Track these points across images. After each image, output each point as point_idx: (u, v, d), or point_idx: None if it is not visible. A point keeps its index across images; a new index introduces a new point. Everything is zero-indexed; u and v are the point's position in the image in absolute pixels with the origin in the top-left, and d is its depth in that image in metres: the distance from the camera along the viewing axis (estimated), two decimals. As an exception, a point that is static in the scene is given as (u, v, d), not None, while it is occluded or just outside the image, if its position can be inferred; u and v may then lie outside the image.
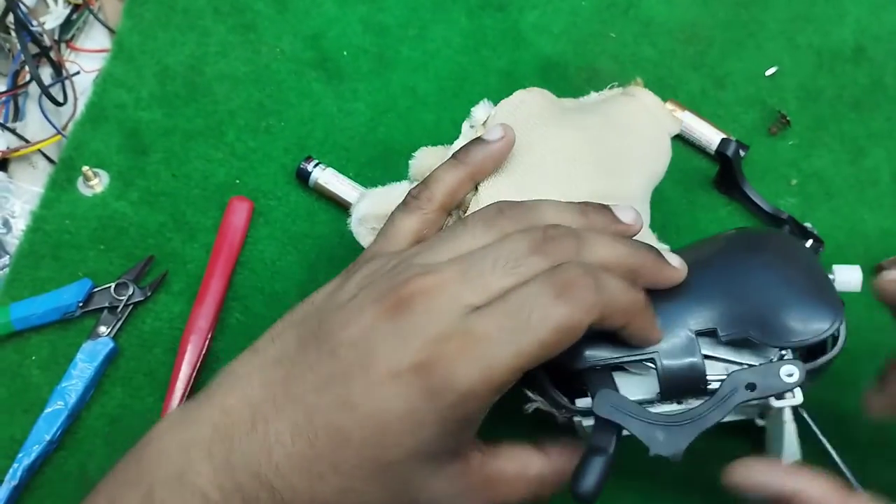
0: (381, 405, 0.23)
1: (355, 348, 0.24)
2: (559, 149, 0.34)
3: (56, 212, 0.40)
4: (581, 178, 0.33)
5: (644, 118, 0.37)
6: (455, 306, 0.23)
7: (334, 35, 0.46)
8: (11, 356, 0.37)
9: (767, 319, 0.28)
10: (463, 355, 0.23)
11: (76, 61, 0.45)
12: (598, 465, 0.26)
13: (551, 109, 0.35)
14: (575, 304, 0.23)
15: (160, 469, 0.24)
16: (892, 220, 0.43)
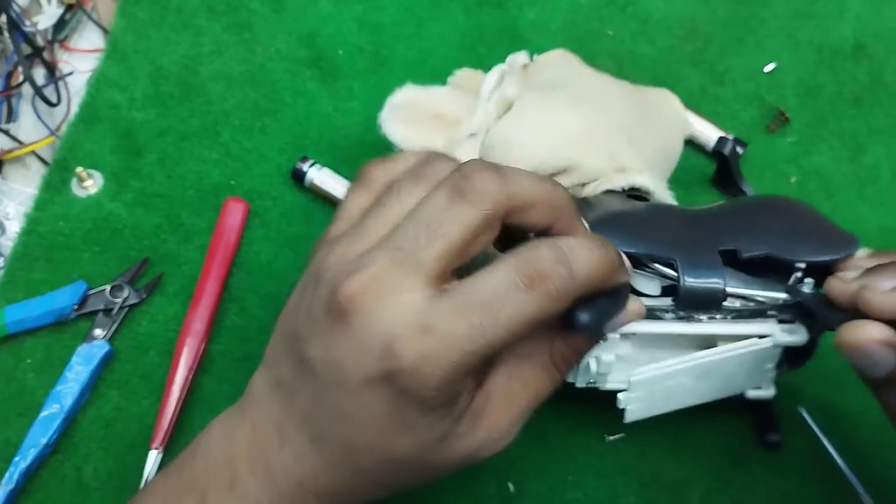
0: (368, 411, 0.23)
1: (326, 365, 0.24)
2: (596, 84, 0.37)
3: (50, 213, 0.40)
4: (605, 111, 0.35)
5: (668, 110, 0.39)
6: (400, 298, 0.22)
7: (329, 33, 0.45)
8: (6, 359, 0.37)
9: (788, 240, 0.30)
10: (427, 355, 0.22)
11: (70, 61, 0.45)
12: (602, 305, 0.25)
13: (583, 64, 0.39)
14: (546, 296, 0.22)
15: (211, 477, 0.26)
16: (892, 218, 0.43)
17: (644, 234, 0.30)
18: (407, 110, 0.36)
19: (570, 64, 0.38)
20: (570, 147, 0.34)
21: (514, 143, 0.34)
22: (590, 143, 0.34)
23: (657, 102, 0.39)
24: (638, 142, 0.36)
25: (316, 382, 0.24)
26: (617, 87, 0.38)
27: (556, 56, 0.39)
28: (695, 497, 0.36)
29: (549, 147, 0.34)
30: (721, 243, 0.30)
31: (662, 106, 0.39)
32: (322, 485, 0.25)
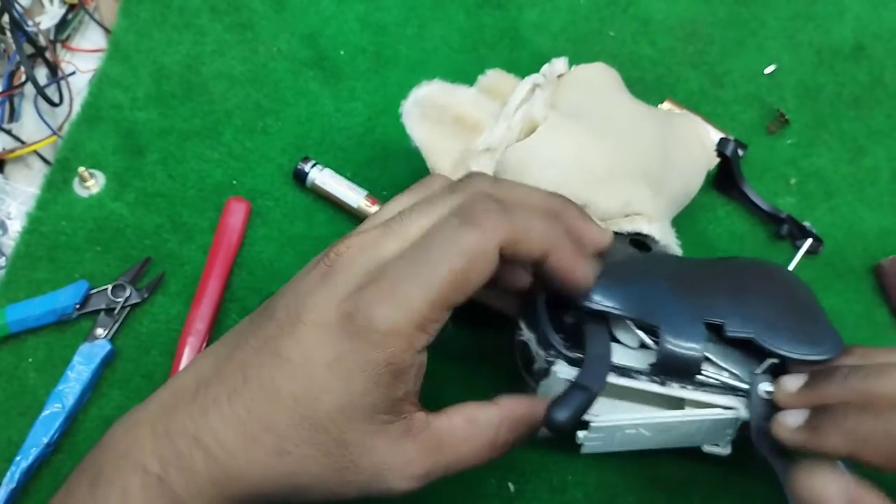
0: (309, 355, 0.24)
1: (287, 308, 0.25)
2: (626, 116, 0.35)
3: (52, 213, 0.40)
4: (626, 144, 0.34)
5: (695, 143, 0.38)
6: (375, 258, 0.24)
7: (331, 34, 0.45)
8: (8, 359, 0.37)
9: (773, 324, 0.29)
10: (380, 297, 0.23)
11: (72, 61, 0.45)
12: (578, 399, 0.27)
13: (617, 84, 0.37)
14: (479, 229, 0.24)
15: (108, 453, 0.25)
16: (891, 220, 0.43)
17: (634, 294, 0.29)
18: (428, 108, 0.35)
19: (606, 86, 0.37)
20: (585, 185, 0.33)
21: (530, 170, 0.33)
22: (607, 184, 0.33)
23: (686, 135, 0.38)
24: (658, 184, 0.35)
25: (268, 326, 0.25)
26: (648, 118, 0.36)
27: (595, 72, 0.37)
28: (695, 498, 0.36)
29: (564, 181, 0.33)
30: (709, 314, 0.29)
31: (691, 140, 0.38)
32: (216, 444, 0.24)
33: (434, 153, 0.35)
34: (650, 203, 0.34)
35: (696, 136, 0.38)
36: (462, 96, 0.35)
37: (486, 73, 0.38)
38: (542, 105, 0.34)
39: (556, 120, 0.34)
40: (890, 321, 0.40)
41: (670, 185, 0.36)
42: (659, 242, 0.33)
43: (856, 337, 0.39)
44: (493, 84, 0.37)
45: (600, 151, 0.33)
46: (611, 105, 0.36)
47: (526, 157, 0.33)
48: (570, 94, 0.36)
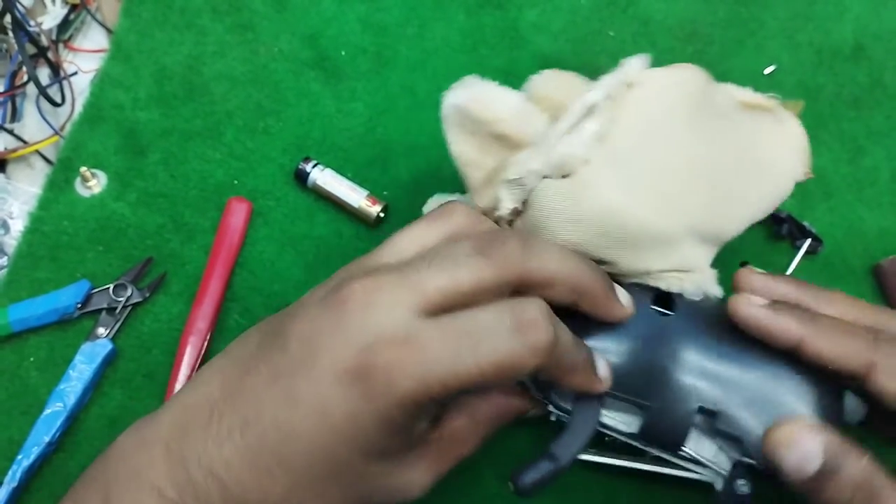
0: (326, 403, 0.23)
1: (302, 343, 0.24)
2: (677, 157, 0.29)
3: (54, 213, 0.40)
4: (684, 197, 0.29)
5: (781, 156, 0.32)
6: (395, 307, 0.23)
7: (332, 34, 0.45)
8: (10, 358, 0.37)
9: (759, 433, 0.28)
10: (400, 363, 0.22)
11: (74, 61, 0.45)
12: (544, 469, 0.27)
13: (695, 103, 0.30)
14: (526, 345, 0.23)
15: (119, 468, 0.25)
16: (890, 220, 0.43)
17: (634, 373, 0.28)
18: (466, 120, 0.30)
19: (680, 102, 0.30)
20: (620, 246, 0.29)
21: (550, 222, 0.28)
22: (642, 243, 0.29)
23: (773, 145, 0.32)
24: (718, 217, 0.30)
25: (282, 359, 0.24)
26: (711, 146, 0.30)
27: (672, 81, 0.30)
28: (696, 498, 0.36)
29: (587, 242, 0.28)
30: (705, 400, 0.28)
31: (777, 151, 0.32)
32: (231, 478, 0.23)
33: (468, 165, 0.31)
34: (703, 258, 0.30)
35: (783, 144, 0.32)
36: (502, 111, 0.29)
37: (540, 74, 0.32)
38: (583, 144, 0.28)
39: (601, 164, 0.28)
40: (889, 321, 0.40)
41: (736, 220, 0.31)
42: (693, 295, 0.30)
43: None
44: (545, 89, 0.31)
45: (648, 210, 0.28)
46: (679, 131, 0.29)
47: (551, 206, 0.28)
48: (634, 114, 0.29)
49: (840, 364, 0.26)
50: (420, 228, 0.27)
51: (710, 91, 0.32)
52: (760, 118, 0.32)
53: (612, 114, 0.29)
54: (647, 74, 0.30)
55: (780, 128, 0.33)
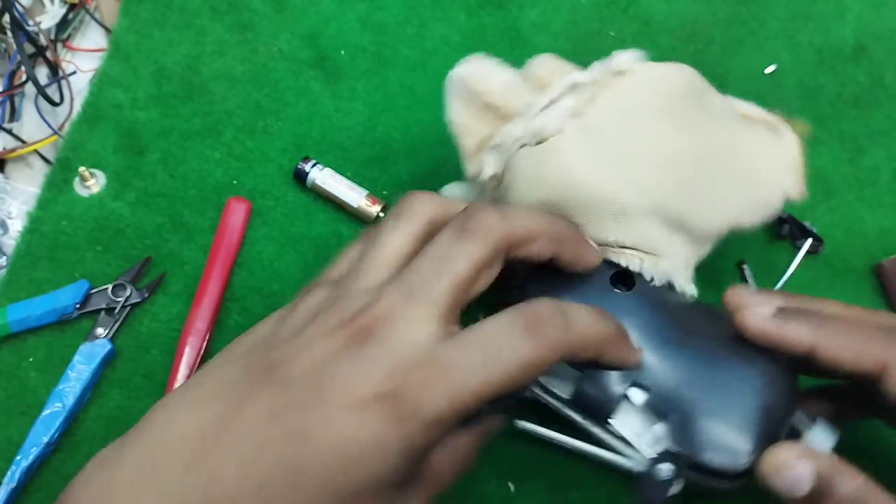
0: (343, 434, 0.22)
1: (309, 379, 0.23)
2: (649, 141, 0.30)
3: (53, 213, 0.40)
4: (650, 178, 0.30)
5: (772, 168, 0.33)
6: (413, 328, 0.23)
7: (332, 33, 0.45)
8: (8, 358, 0.37)
9: (692, 421, 0.28)
10: (430, 384, 0.22)
11: (72, 61, 0.45)
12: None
13: (682, 98, 0.31)
14: (543, 342, 0.23)
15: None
16: (891, 219, 0.43)
17: None
18: (463, 90, 0.33)
19: (666, 96, 0.31)
20: (575, 210, 0.30)
21: (518, 183, 0.31)
22: (601, 212, 0.30)
23: (767, 158, 0.32)
24: (696, 211, 0.31)
25: (283, 396, 0.23)
26: (698, 141, 0.31)
27: (663, 75, 0.31)
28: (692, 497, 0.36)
29: (553, 205, 0.30)
30: (641, 377, 0.29)
31: (770, 165, 0.32)
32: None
33: (463, 133, 0.34)
34: (668, 244, 0.31)
35: (778, 160, 0.33)
36: (496, 83, 0.32)
37: (537, 58, 0.34)
38: (559, 117, 0.30)
39: (572, 135, 0.30)
40: (890, 321, 0.40)
41: (709, 216, 0.31)
42: (653, 281, 0.31)
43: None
44: (541, 71, 0.34)
45: (607, 180, 0.30)
46: (658, 119, 0.31)
47: (522, 168, 0.31)
48: (614, 96, 0.31)
49: (855, 366, 0.26)
50: (392, 236, 0.27)
51: (703, 92, 0.32)
52: (758, 130, 0.33)
53: (593, 94, 0.31)
54: (639, 66, 0.31)
55: (776, 142, 0.33)
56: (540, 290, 0.30)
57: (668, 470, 0.27)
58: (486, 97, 0.33)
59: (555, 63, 0.35)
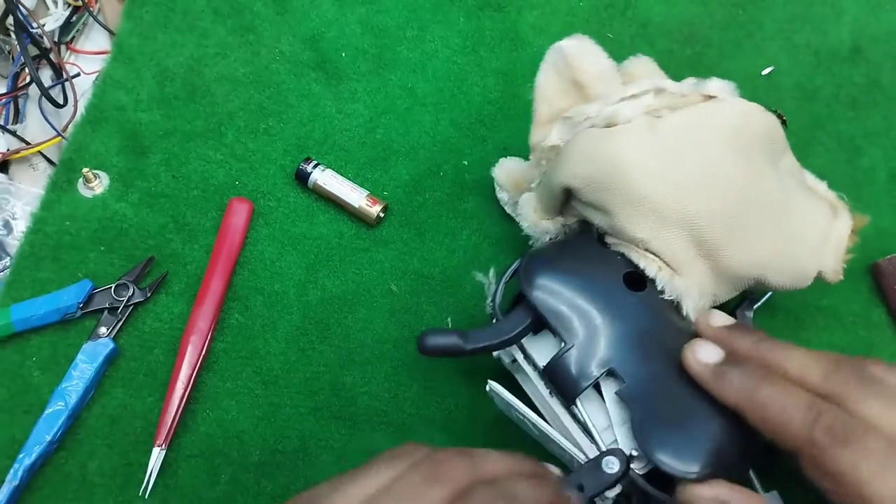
0: None
1: None
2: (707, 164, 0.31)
3: (56, 213, 0.40)
4: (693, 196, 0.31)
5: (816, 239, 0.33)
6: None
7: (333, 36, 0.46)
8: (12, 357, 0.37)
9: (654, 422, 0.28)
10: None
11: (76, 63, 0.46)
12: (450, 341, 0.31)
13: (756, 141, 0.32)
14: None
15: None
16: (888, 219, 0.43)
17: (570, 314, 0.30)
18: (559, 60, 0.34)
19: (742, 135, 0.32)
20: (614, 194, 0.31)
21: (571, 156, 0.32)
22: (637, 206, 0.31)
23: (814, 235, 0.32)
24: (711, 241, 0.31)
25: None
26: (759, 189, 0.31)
27: (746, 114, 0.32)
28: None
29: (589, 184, 0.31)
30: (620, 372, 0.29)
31: (809, 233, 0.32)
32: None
33: (542, 98, 0.35)
34: (691, 263, 0.31)
35: (826, 233, 0.33)
36: (592, 66, 0.34)
37: (636, 57, 0.36)
38: (635, 109, 0.32)
39: (640, 128, 0.31)
40: (887, 321, 0.40)
41: (737, 253, 0.31)
42: (664, 293, 0.31)
43: (853, 336, 0.40)
44: (635, 69, 0.36)
45: (649, 181, 0.30)
46: (724, 149, 0.31)
47: (582, 143, 0.32)
48: (693, 113, 0.32)
49: (773, 438, 0.26)
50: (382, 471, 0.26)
51: (778, 145, 0.33)
52: (817, 203, 0.34)
53: (675, 104, 0.32)
54: (729, 97, 0.33)
55: (830, 221, 0.33)
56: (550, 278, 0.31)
57: (614, 463, 0.27)
58: (579, 74, 0.34)
59: (651, 66, 0.36)
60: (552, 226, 0.35)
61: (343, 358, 0.38)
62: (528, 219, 0.36)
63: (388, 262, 0.40)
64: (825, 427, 0.24)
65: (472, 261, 0.40)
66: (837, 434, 0.24)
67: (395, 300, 0.39)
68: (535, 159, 0.36)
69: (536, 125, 0.36)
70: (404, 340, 0.39)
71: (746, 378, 0.27)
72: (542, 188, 0.35)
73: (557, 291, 0.31)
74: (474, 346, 0.31)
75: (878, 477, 0.23)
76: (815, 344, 0.40)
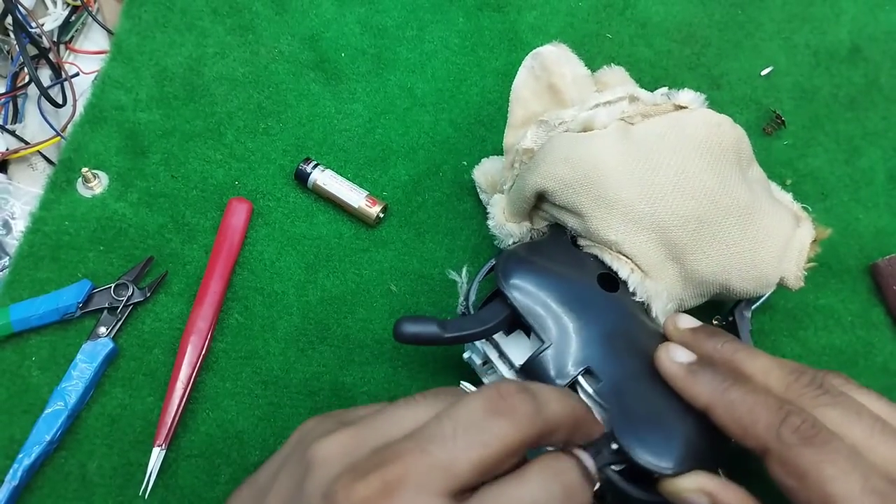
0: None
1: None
2: (676, 170, 0.32)
3: (55, 213, 0.40)
4: (664, 198, 0.31)
5: (779, 246, 0.33)
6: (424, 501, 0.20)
7: (332, 36, 0.46)
8: (11, 357, 0.37)
9: (630, 420, 0.28)
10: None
11: (75, 63, 0.46)
12: (428, 329, 0.30)
13: (723, 149, 0.33)
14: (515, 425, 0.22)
15: None
16: (886, 220, 0.43)
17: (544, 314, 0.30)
18: (537, 64, 0.35)
19: (710, 140, 0.32)
20: (589, 195, 0.31)
21: (550, 157, 0.33)
22: (611, 207, 0.31)
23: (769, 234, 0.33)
24: (680, 243, 0.32)
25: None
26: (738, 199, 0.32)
27: (714, 125, 0.33)
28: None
29: (567, 185, 0.32)
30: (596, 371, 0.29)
31: (778, 241, 0.33)
32: None
33: (517, 100, 0.36)
34: (658, 264, 0.32)
35: (789, 240, 0.33)
36: (568, 72, 0.35)
37: (609, 67, 0.38)
38: (609, 116, 0.33)
39: (615, 133, 0.33)
40: (886, 320, 0.41)
41: (704, 257, 0.32)
42: (635, 294, 0.32)
43: (852, 336, 0.40)
44: (609, 79, 0.37)
45: (622, 184, 0.31)
46: (694, 156, 0.32)
47: (557, 146, 0.33)
48: (665, 121, 0.33)
49: (740, 440, 0.27)
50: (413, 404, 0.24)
51: (745, 156, 0.34)
52: (781, 212, 0.34)
53: (648, 111, 0.34)
54: (699, 108, 0.34)
55: (793, 226, 0.34)
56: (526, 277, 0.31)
57: (587, 459, 0.27)
58: (555, 79, 0.35)
59: (623, 75, 0.38)
60: (517, 229, 0.35)
61: (342, 358, 0.38)
62: (495, 218, 0.36)
63: (387, 263, 0.40)
64: (793, 427, 0.25)
65: (472, 261, 0.41)
66: (804, 434, 0.25)
67: (395, 300, 0.39)
68: (509, 161, 0.36)
69: (511, 128, 0.36)
70: (404, 340, 0.39)
71: (717, 379, 0.28)
72: (514, 191, 0.35)
73: (534, 291, 0.31)
74: (453, 335, 0.31)
75: (841, 476, 0.23)
76: (813, 344, 0.40)
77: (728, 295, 0.34)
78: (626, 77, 0.38)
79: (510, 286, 0.31)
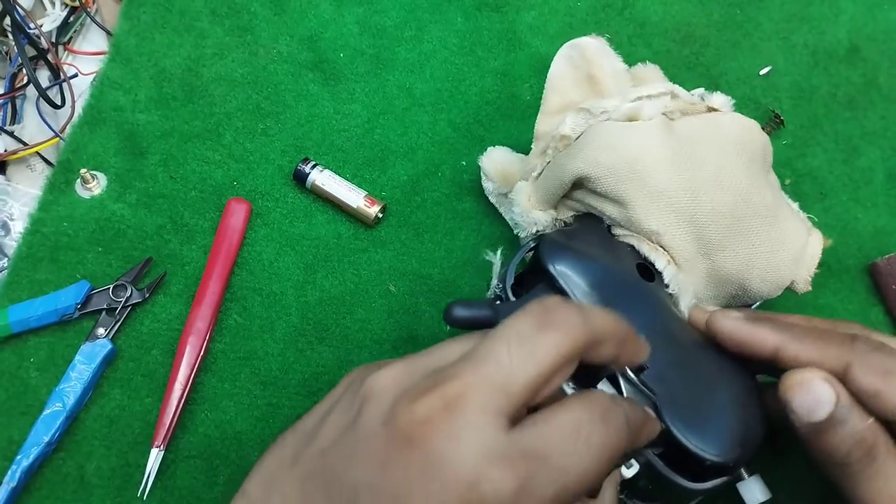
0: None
1: (377, 494, 0.20)
2: (714, 167, 0.32)
3: (54, 214, 0.40)
4: (701, 192, 0.32)
5: (793, 251, 0.34)
6: (483, 427, 0.20)
7: (331, 36, 0.46)
8: (10, 358, 0.37)
9: (678, 406, 0.28)
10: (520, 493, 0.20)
11: (73, 64, 0.46)
12: (479, 314, 0.30)
13: (753, 152, 0.34)
14: (616, 430, 0.22)
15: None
16: (885, 219, 0.43)
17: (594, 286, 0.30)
18: (576, 54, 0.36)
19: (741, 145, 0.34)
20: (631, 183, 0.32)
21: (594, 144, 0.33)
22: (652, 197, 0.32)
23: (783, 239, 0.34)
24: (710, 238, 0.32)
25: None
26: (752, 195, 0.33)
27: (744, 127, 0.34)
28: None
29: (612, 173, 0.32)
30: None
31: (792, 246, 0.34)
32: None
33: (553, 88, 0.37)
34: (690, 258, 0.33)
35: (802, 247, 0.34)
36: (607, 64, 0.36)
37: (645, 64, 0.40)
38: (654, 109, 0.34)
39: (660, 126, 0.33)
40: (885, 320, 0.41)
41: (729, 252, 0.33)
42: (668, 287, 0.32)
43: (851, 335, 0.40)
44: (644, 74, 0.39)
45: (667, 176, 0.32)
46: (730, 156, 0.33)
47: (602, 133, 0.33)
48: (703, 120, 0.34)
49: (817, 363, 0.26)
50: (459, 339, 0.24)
51: (768, 160, 0.36)
52: (795, 217, 0.35)
53: (686, 109, 0.35)
54: (729, 110, 0.36)
55: (805, 234, 0.35)
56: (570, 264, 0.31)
57: (632, 465, 0.27)
58: (594, 69, 0.36)
59: (658, 73, 0.40)
60: (544, 217, 0.35)
61: (341, 359, 0.38)
62: (520, 205, 0.36)
63: (386, 263, 0.40)
64: (866, 340, 0.25)
65: (471, 261, 0.40)
66: (878, 346, 0.25)
67: (394, 301, 0.39)
68: (541, 148, 0.36)
69: (544, 114, 0.36)
70: (402, 341, 0.39)
71: (780, 322, 0.28)
72: (548, 177, 0.35)
73: (578, 277, 0.31)
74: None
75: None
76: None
77: (742, 297, 0.34)
78: (660, 74, 0.39)
79: (558, 272, 0.31)
